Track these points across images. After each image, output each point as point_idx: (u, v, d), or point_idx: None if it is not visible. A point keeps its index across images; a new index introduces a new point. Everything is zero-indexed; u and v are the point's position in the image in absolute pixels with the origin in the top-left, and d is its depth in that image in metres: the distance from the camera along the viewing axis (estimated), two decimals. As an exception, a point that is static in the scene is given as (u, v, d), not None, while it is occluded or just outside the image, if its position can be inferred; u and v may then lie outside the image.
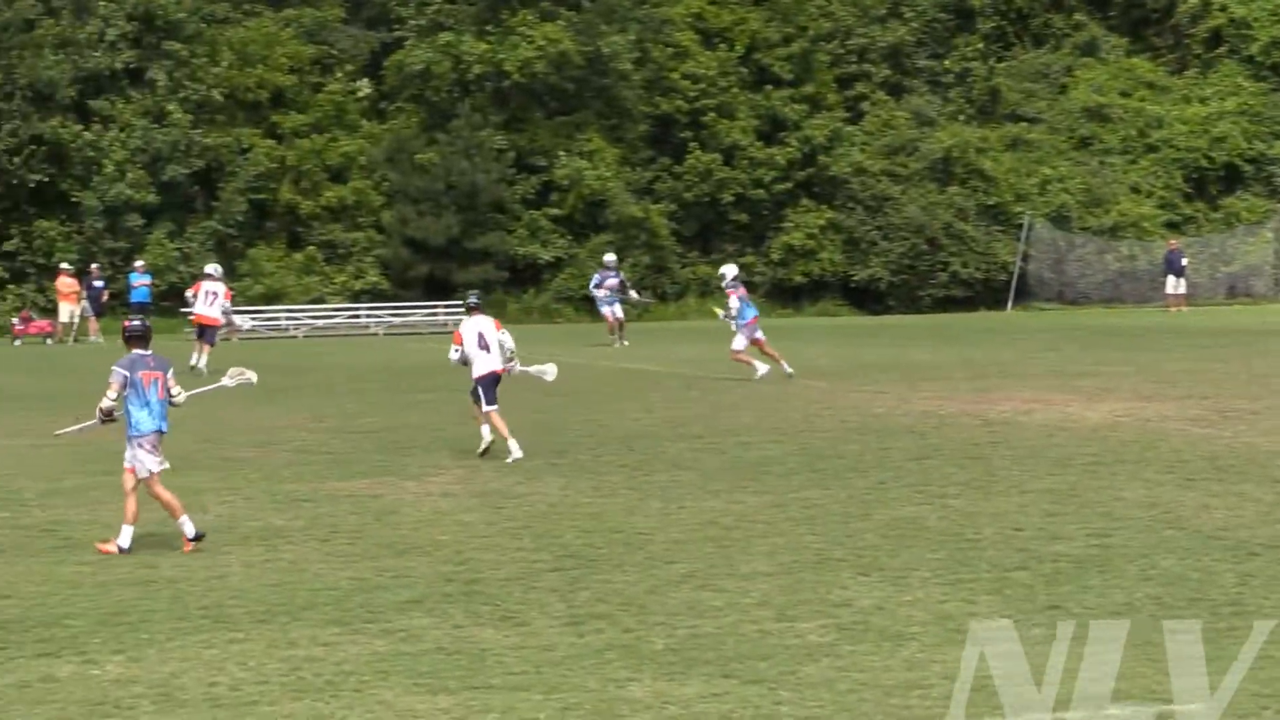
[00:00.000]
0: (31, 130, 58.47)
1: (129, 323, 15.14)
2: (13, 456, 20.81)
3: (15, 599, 12.28)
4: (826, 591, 12.36)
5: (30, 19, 60.13)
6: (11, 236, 58.55)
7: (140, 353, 14.76)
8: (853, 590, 12.40)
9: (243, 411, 26.11)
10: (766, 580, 12.78)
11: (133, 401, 14.61)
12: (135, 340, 14.86)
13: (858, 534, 14.70)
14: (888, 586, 12.51)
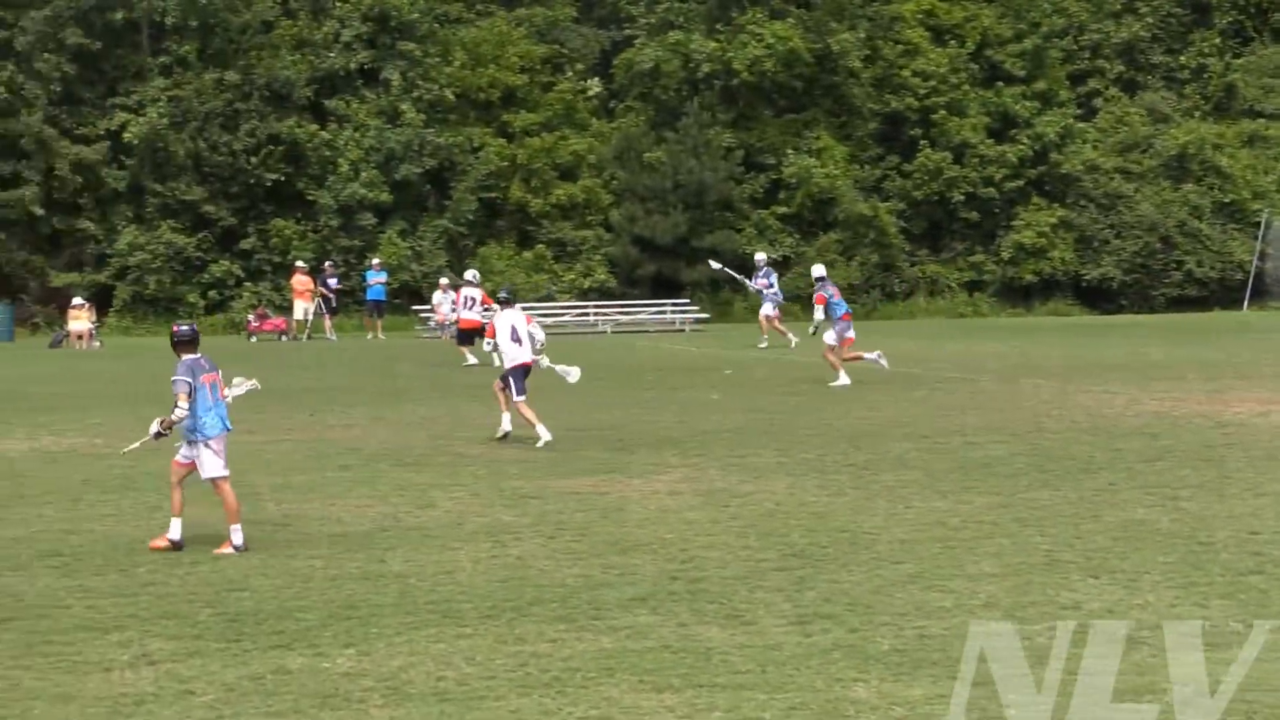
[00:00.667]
0: (269, 130, 59.67)
1: (179, 328, 15.19)
2: (247, 452, 21.20)
3: (249, 592, 12.51)
4: (1055, 594, 12.17)
5: (269, 20, 61.39)
6: (248, 235, 59.76)
7: (193, 357, 14.83)
8: (1081, 593, 12.21)
9: (473, 409, 26.39)
10: (994, 581, 12.62)
11: (200, 405, 14.66)
12: (186, 345, 14.93)
13: (1087, 536, 14.46)
14: (1118, 590, 12.29)
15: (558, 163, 62.79)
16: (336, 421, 24.86)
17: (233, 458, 20.15)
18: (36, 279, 58.53)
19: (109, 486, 18.03)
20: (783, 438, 22.08)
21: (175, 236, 58.02)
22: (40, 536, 14.86)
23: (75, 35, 58.06)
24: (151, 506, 16.53)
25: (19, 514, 16.15)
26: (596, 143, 63.92)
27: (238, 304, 58.08)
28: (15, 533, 15.07)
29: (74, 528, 15.35)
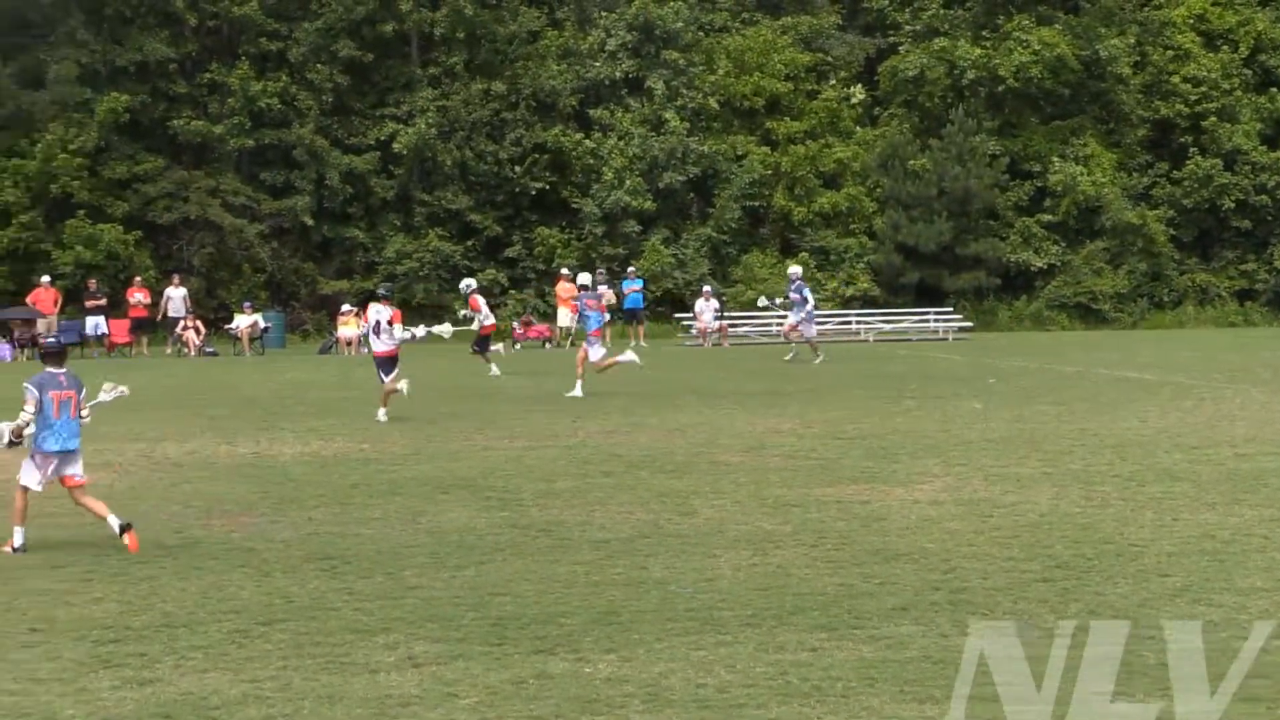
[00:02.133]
0: (534, 139, 60.43)
1: (46, 340, 15.34)
2: (511, 458, 21.44)
3: (512, 596, 12.62)
4: (1328, 610, 11.83)
5: (535, 31, 62.14)
6: (513, 243, 60.55)
7: (53, 371, 14.98)
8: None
9: (733, 417, 26.41)
10: (1265, 596, 12.28)
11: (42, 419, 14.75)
12: (50, 358, 15.14)
13: (1365, 553, 14.02)
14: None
15: (821, 170, 62.68)
16: (598, 428, 25.02)
17: (498, 464, 20.50)
18: (307, 286, 59.89)
19: (376, 491, 18.34)
20: (1047, 448, 21.74)
21: (442, 244, 59.00)
22: (310, 540, 15.15)
23: (347, 47, 59.33)
24: (417, 511, 16.77)
25: (290, 517, 16.49)
26: (860, 150, 63.67)
27: (503, 311, 58.85)
28: (286, 535, 15.39)
29: (342, 531, 15.63)
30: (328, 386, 34.60)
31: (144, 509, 16.98)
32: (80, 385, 15.22)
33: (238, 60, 59.74)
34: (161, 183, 58.05)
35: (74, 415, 15.03)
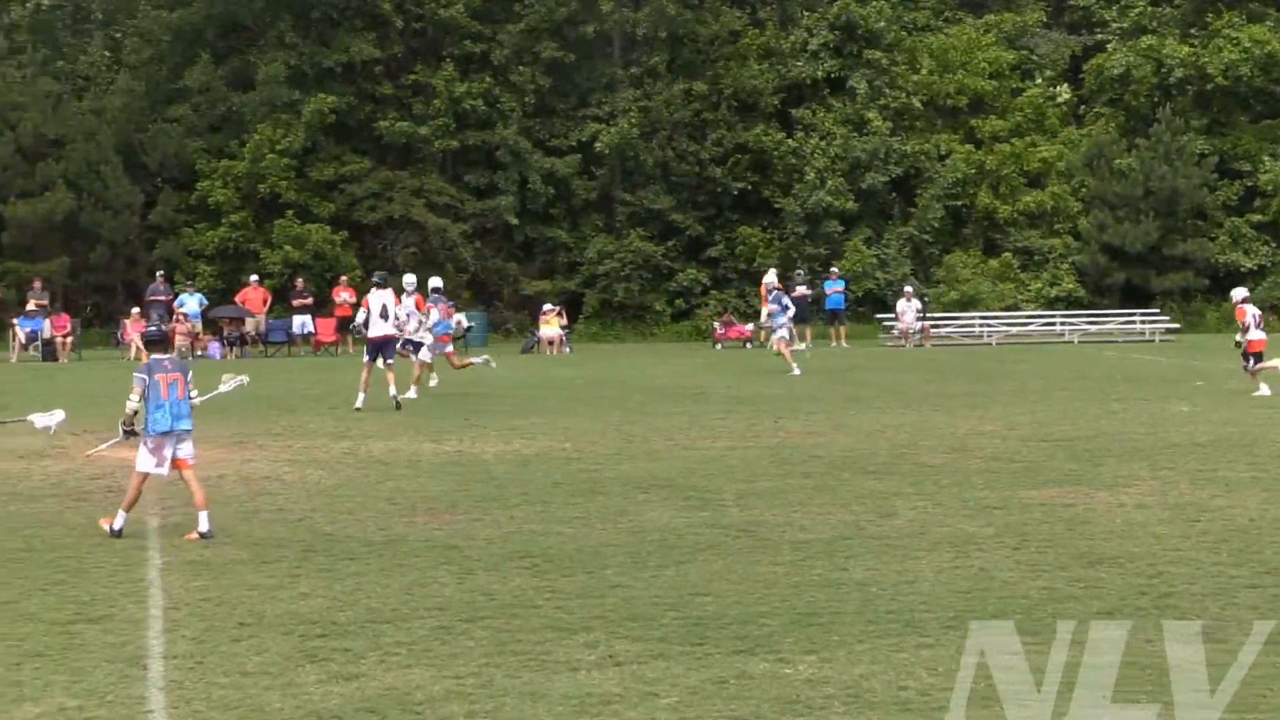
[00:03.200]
0: (736, 139, 60.44)
1: (147, 329, 15.81)
2: (712, 458, 21.46)
3: (713, 596, 12.63)
4: None
5: (736, 30, 62.13)
6: (715, 243, 60.59)
7: (157, 357, 15.63)
8: None
9: (935, 418, 26.22)
10: None
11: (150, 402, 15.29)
12: (153, 346, 16.08)
13: None
14: None
15: (1025, 169, 61.98)
16: (800, 428, 24.96)
17: (699, 463, 20.51)
18: (510, 286, 60.39)
19: (577, 490, 18.44)
20: (1257, 451, 21.33)
21: (644, 245, 59.17)
22: (512, 537, 15.27)
23: (549, 48, 59.73)
24: (618, 510, 16.84)
25: (493, 515, 16.63)
26: (1065, 149, 62.86)
27: (703, 311, 58.91)
28: (489, 533, 15.52)
29: (544, 529, 15.73)
30: (530, 386, 34.85)
31: (350, 506, 17.23)
32: (186, 369, 15.75)
33: (442, 62, 60.38)
34: (367, 183, 58.86)
35: (181, 396, 15.46)
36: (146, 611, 12.12)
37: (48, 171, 55.40)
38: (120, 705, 9.60)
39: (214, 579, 13.36)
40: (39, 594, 12.71)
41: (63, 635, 11.31)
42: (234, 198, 57.50)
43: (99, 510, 16.83)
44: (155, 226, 57.78)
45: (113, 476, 19.45)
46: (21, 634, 11.31)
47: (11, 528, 15.81)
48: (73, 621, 11.70)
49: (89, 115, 57.31)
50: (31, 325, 48.68)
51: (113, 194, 55.63)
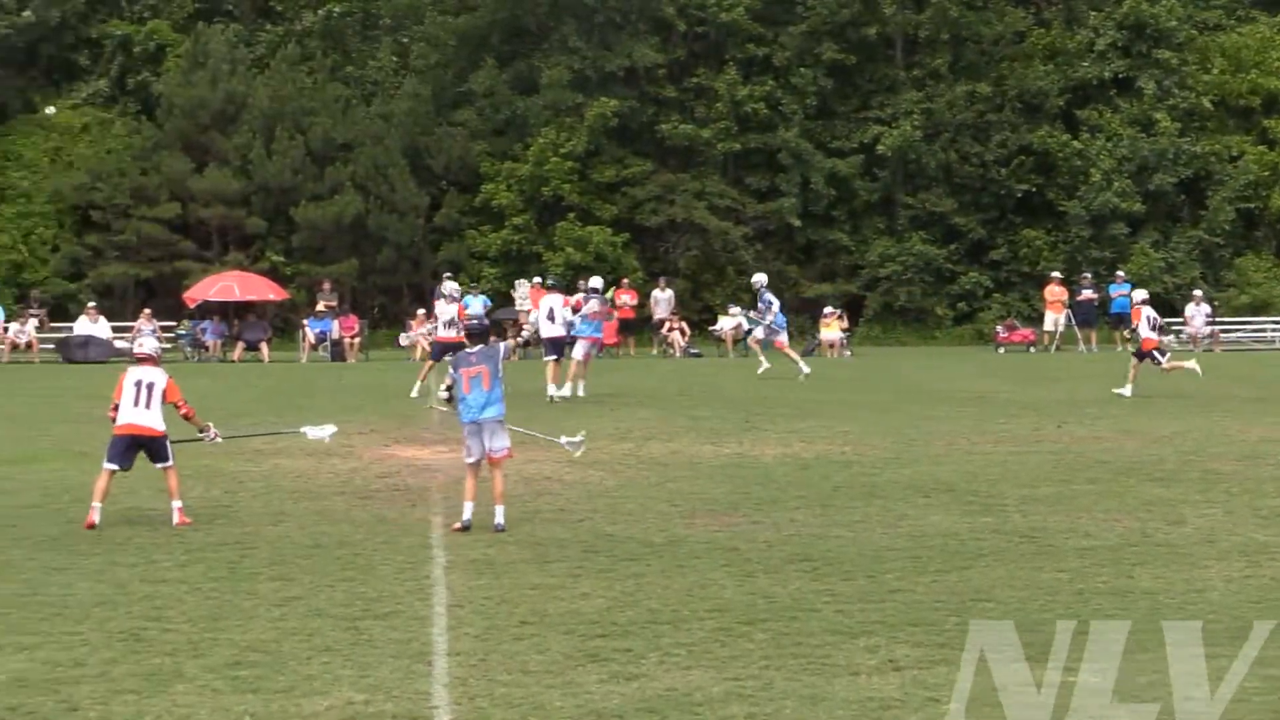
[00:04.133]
0: (1020, 141, 59.65)
1: (468, 322, 16.35)
2: (994, 462, 21.20)
3: (995, 603, 12.48)
4: None
5: (1021, 31, 61.34)
6: (998, 245, 59.86)
7: (471, 350, 16.33)
8: None
9: (1225, 424, 25.60)
10: None
11: (458, 393, 16.05)
12: (473, 338, 16.77)
13: None
14: None
15: (1322, 172, 60.22)
16: (1084, 433, 24.53)
17: (981, 467, 20.28)
18: (790, 289, 60.30)
19: (857, 493, 18.34)
20: None
21: (926, 248, 58.68)
22: (792, 540, 15.24)
23: (831, 50, 59.54)
24: (898, 514, 16.71)
25: (772, 518, 16.61)
26: None
27: (985, 315, 58.22)
28: (769, 536, 15.51)
29: (823, 533, 15.67)
30: (810, 389, 34.74)
31: (630, 507, 17.33)
32: (493, 359, 16.21)
33: (724, 65, 60.52)
34: (649, 186, 59.21)
35: (487, 387, 15.93)
36: (431, 609, 12.32)
37: (336, 175, 56.68)
38: (406, 700, 9.76)
39: (496, 578, 13.53)
40: (328, 590, 12.98)
41: (350, 630, 11.54)
42: (517, 200, 58.23)
43: (385, 507, 17.18)
44: (440, 229, 58.79)
45: (398, 475, 19.82)
46: (312, 629, 11.57)
47: (301, 525, 16.18)
48: (360, 617, 11.93)
49: (377, 119, 58.51)
50: (321, 326, 49.83)
51: (399, 197, 56.73)
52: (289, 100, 57.74)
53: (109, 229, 56.33)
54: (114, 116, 60.05)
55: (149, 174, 56.64)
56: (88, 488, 18.35)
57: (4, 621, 11.80)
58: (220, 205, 55.89)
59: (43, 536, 15.49)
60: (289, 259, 56.78)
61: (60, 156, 58.98)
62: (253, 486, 18.98)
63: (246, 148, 56.62)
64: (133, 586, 13.09)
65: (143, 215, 55.78)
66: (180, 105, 57.23)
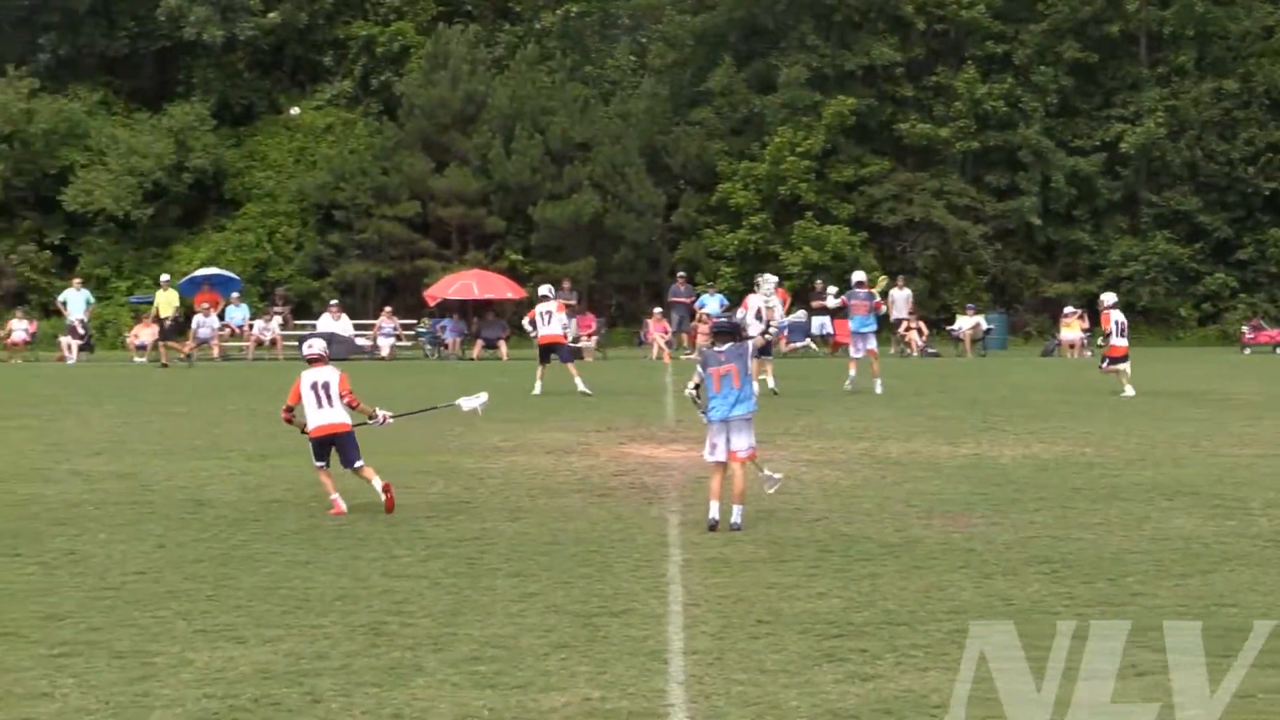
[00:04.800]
0: (1268, 138, 58.38)
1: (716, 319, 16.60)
2: (1241, 465, 20.74)
3: (1239, 608, 12.19)
4: None
5: (1269, 26, 60.00)
6: (1244, 245, 58.62)
7: (718, 349, 16.31)
8: None
9: None
10: None
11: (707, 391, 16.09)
12: (717, 338, 16.78)
13: None
14: None
15: None
16: (1334, 438, 23.91)
17: (1226, 470, 19.87)
18: (1030, 289, 59.62)
19: (1098, 495, 18.05)
20: None
21: (1170, 247, 57.69)
22: (1030, 542, 15.03)
23: (1072, 48, 58.80)
24: (1140, 517, 16.41)
25: (1011, 519, 16.40)
26: None
27: (1231, 316, 57.05)
28: (1006, 537, 15.31)
29: (1063, 535, 15.44)
30: (1050, 389, 34.29)
31: (866, 507, 17.23)
32: (742, 356, 16.23)
33: (964, 63, 60.03)
34: (886, 185, 58.94)
35: (737, 385, 15.96)
36: (667, 607, 12.33)
37: (574, 174, 57.13)
38: (641, 698, 9.77)
39: (733, 576, 13.51)
40: (565, 586, 13.06)
41: (587, 628, 11.59)
42: (754, 199, 58.23)
43: (622, 505, 17.26)
44: (677, 228, 59.01)
45: (635, 473, 19.91)
46: (549, 625, 11.64)
47: (539, 521, 16.31)
48: (596, 614, 11.98)
49: (615, 119, 58.88)
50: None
51: (636, 196, 57.02)
52: (528, 100, 58.31)
53: (351, 228, 57.41)
54: (356, 117, 61.17)
55: (390, 173, 57.60)
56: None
57: (249, 613, 12.04)
58: (460, 204, 56.64)
59: (286, 530, 15.78)
60: (527, 257, 57.35)
61: (304, 156, 60.23)
62: (491, 483, 19.17)
63: (486, 147, 57.30)
64: (373, 581, 13.28)
65: (384, 214, 56.75)
66: (421, 105, 58.11)
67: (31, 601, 12.41)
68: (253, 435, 24.59)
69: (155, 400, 31.99)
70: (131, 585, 13.06)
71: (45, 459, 20.92)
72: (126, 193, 56.92)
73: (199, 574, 13.51)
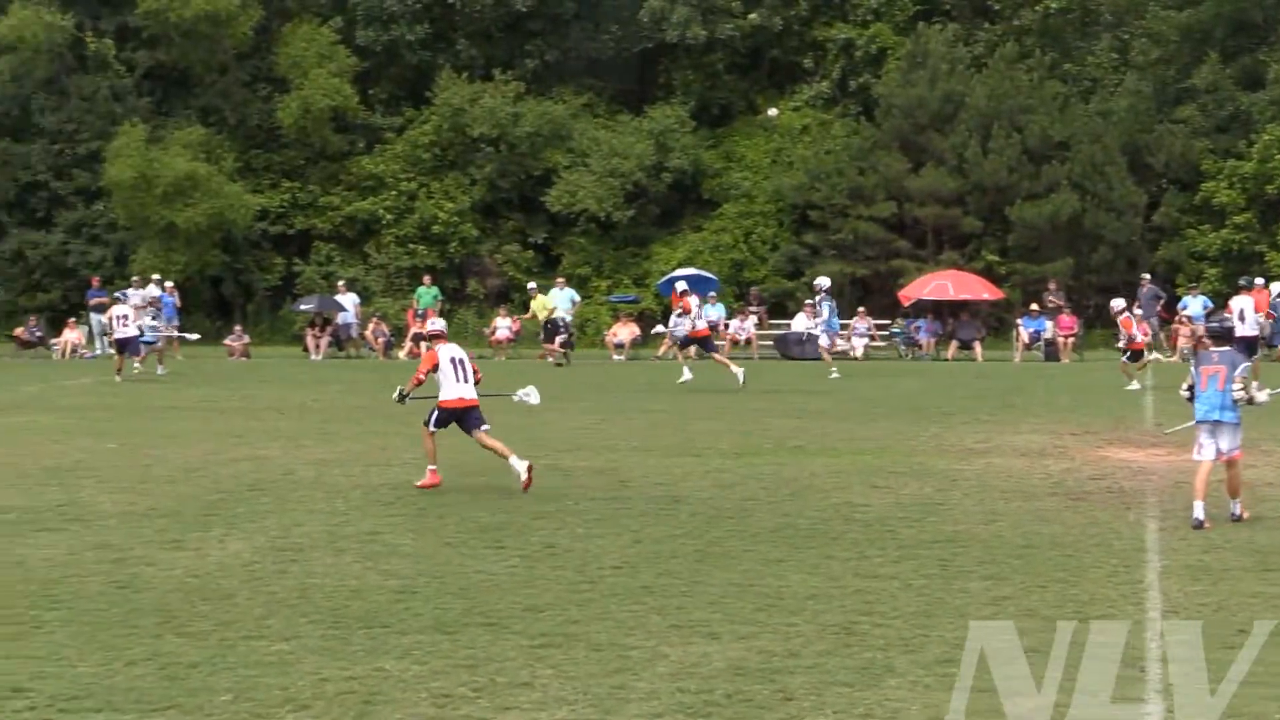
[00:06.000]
0: None
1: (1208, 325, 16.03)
2: None
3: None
4: None
5: None
6: None
7: (1213, 350, 16.37)
8: None
9: None
10: None
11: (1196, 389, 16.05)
12: (1215, 339, 16.82)
13: None
14: None
15: None
16: None
17: None
18: None
19: None
20: None
21: None
22: None
23: None
24: None
25: None
26: None
27: None
28: None
29: None
30: None
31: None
32: (1234, 362, 16.12)
33: None
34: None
35: (1221, 387, 15.84)
36: (1145, 613, 12.05)
37: (1053, 173, 56.21)
38: (1117, 706, 9.58)
39: (1213, 584, 13.13)
40: (1039, 591, 12.88)
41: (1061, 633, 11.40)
42: (1239, 198, 56.40)
43: (1098, 509, 16.94)
44: (1157, 228, 57.54)
45: (1112, 477, 19.52)
46: (1021, 629, 11.48)
47: (1014, 524, 16.11)
48: (1071, 620, 11.76)
49: (1094, 117, 57.74)
50: (1035, 325, 49.63)
51: (1116, 195, 55.81)
52: (1005, 98, 57.63)
53: (826, 228, 57.64)
54: (833, 118, 61.40)
55: (866, 174, 57.64)
56: (803, 482, 18.81)
57: (722, 609, 12.19)
58: (936, 204, 56.34)
59: (759, 528, 15.93)
60: (1004, 258, 56.71)
61: (781, 157, 60.74)
62: (965, 485, 19.02)
63: (963, 147, 56.87)
64: (845, 580, 13.31)
65: (859, 215, 56.83)
66: (899, 106, 58.00)
67: (513, 593, 12.80)
68: (728, 433, 24.90)
69: (631, 397, 32.69)
70: (609, 579, 13.36)
71: (525, 454, 21.60)
72: (608, 193, 58.33)
73: (674, 570, 13.74)
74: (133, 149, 56.99)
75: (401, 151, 61.41)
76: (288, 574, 13.52)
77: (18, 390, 34.95)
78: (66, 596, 12.56)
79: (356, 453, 22.21)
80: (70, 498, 17.88)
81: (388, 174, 60.90)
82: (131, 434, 25.00)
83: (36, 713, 9.43)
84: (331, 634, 11.33)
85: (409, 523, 16.20)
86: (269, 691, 9.84)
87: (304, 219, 61.07)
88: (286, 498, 17.96)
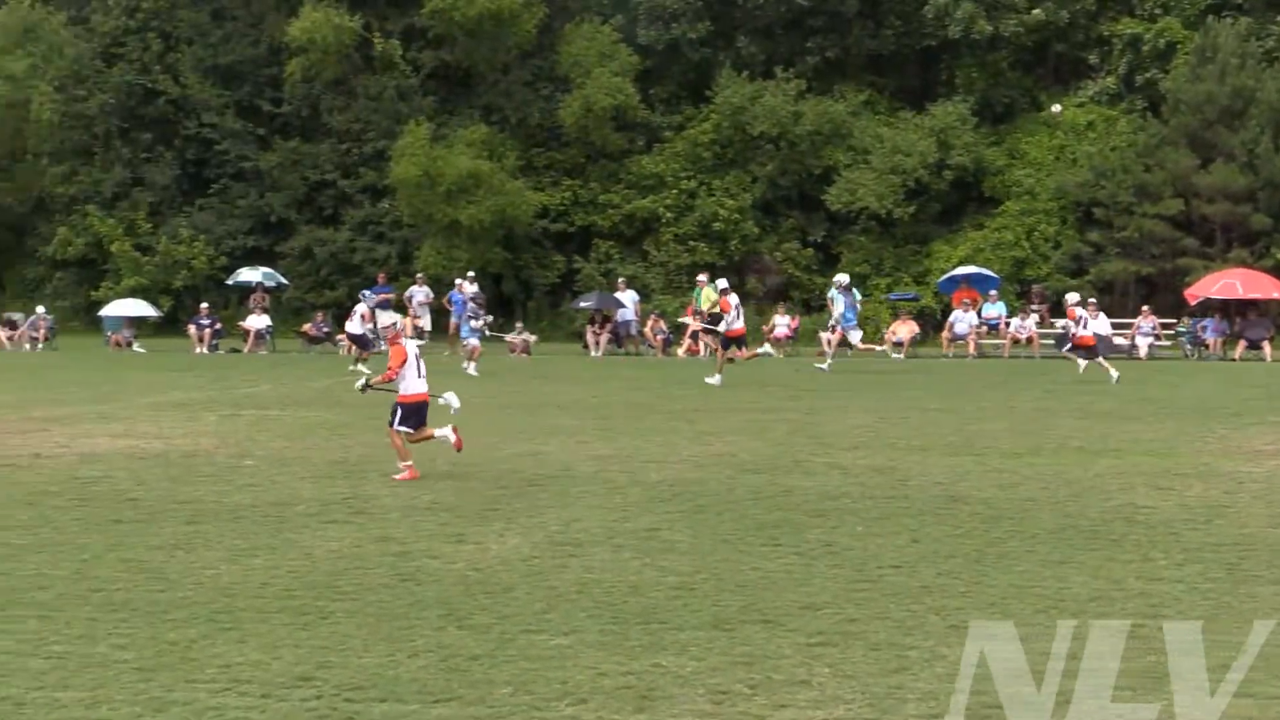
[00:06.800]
0: None
1: None
2: None
3: None
4: None
5: None
6: None
7: None
8: None
9: None
10: None
11: None
12: None
13: None
14: None
15: None
16: None
17: None
18: None
19: None
20: None
21: None
22: None
23: None
24: None
25: None
26: None
27: None
28: None
29: None
30: None
31: None
32: None
33: None
34: None
35: None
36: None
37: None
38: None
39: None
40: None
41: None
42: None
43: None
44: None
45: None
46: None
47: None
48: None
49: None
50: None
51: None
52: (1299, 94, 56.22)
53: (1110, 226, 56.75)
54: (1119, 114, 60.42)
55: (1152, 171, 56.62)
56: (1086, 483, 18.54)
57: (1003, 611, 12.02)
58: (1225, 201, 55.08)
59: (1040, 529, 15.70)
60: (1296, 256, 55.31)
61: (1064, 154, 59.96)
62: (1253, 487, 18.56)
63: (1253, 143, 55.55)
64: (1128, 583, 13.07)
65: (1145, 212, 55.84)
66: (1187, 101, 56.84)
67: (790, 591, 12.79)
68: (1008, 432, 24.63)
69: (911, 396, 32.49)
70: (887, 578, 13.29)
71: (805, 451, 21.53)
72: (889, 191, 58.13)
73: (953, 570, 13.62)
74: (417, 148, 58.19)
75: (681, 150, 61.84)
76: (567, 569, 13.65)
77: (306, 385, 35.85)
78: (351, 588, 12.82)
79: (635, 449, 22.35)
80: (354, 491, 18.28)
81: (667, 172, 61.36)
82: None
83: (323, 701, 9.64)
84: (610, 629, 11.42)
85: (686, 519, 16.26)
86: (548, 685, 9.95)
87: (584, 216, 61.82)
88: (565, 493, 18.14)
